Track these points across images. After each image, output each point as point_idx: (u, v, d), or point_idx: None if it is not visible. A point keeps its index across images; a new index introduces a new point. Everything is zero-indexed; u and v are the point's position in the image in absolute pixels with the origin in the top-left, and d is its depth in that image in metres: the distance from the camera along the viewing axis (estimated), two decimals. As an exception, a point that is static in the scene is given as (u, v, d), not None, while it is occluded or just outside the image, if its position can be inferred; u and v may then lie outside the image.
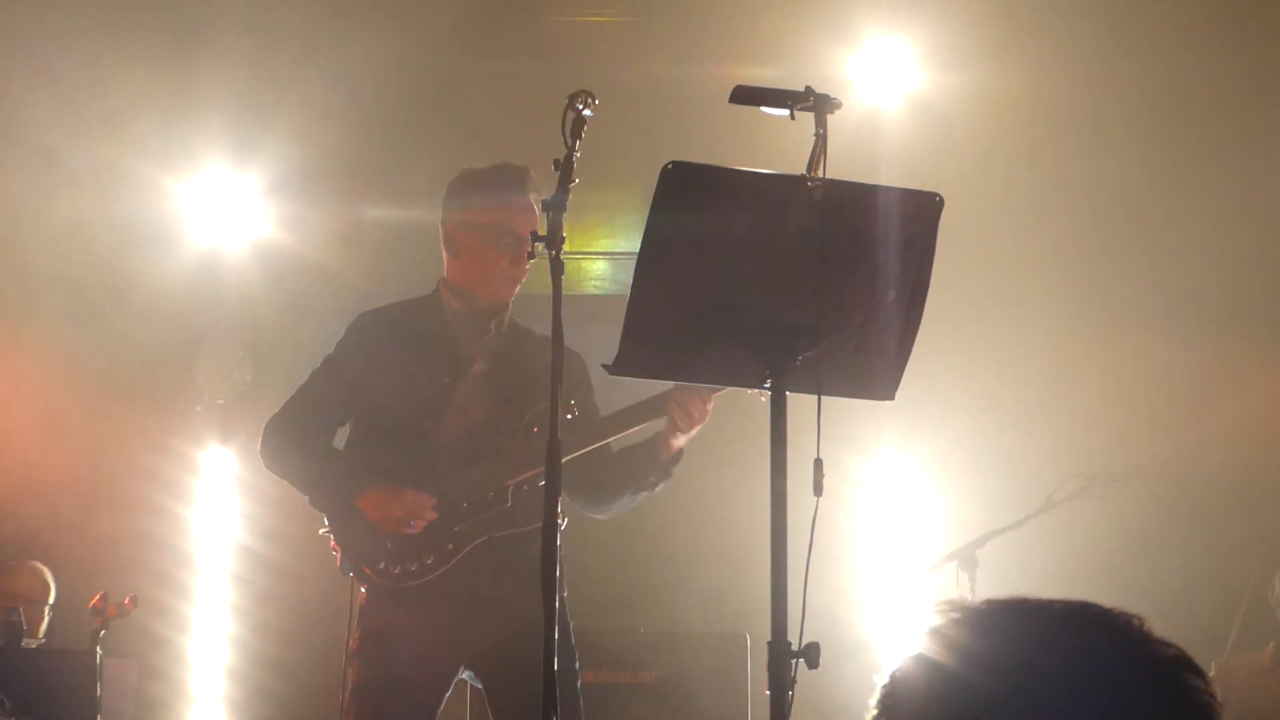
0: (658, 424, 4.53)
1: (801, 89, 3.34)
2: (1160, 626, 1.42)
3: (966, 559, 5.92)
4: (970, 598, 1.47)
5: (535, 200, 4.51)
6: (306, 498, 4.68)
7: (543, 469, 3.61)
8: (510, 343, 4.75)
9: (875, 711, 1.44)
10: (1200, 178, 6.97)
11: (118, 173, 6.97)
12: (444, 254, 4.78)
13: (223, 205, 7.26)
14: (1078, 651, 1.37)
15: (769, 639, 3.23)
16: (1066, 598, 1.43)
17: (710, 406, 4.42)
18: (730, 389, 4.01)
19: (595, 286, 7.83)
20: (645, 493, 4.66)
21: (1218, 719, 1.39)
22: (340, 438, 4.76)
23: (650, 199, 3.26)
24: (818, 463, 3.25)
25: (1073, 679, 1.35)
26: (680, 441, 4.52)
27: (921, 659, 1.42)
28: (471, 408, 4.67)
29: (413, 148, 6.87)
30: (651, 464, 4.57)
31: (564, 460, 3.63)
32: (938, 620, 1.44)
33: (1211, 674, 6.26)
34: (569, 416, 3.64)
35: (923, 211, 3.39)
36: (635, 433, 4.58)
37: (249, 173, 7.17)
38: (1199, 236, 6.97)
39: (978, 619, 1.42)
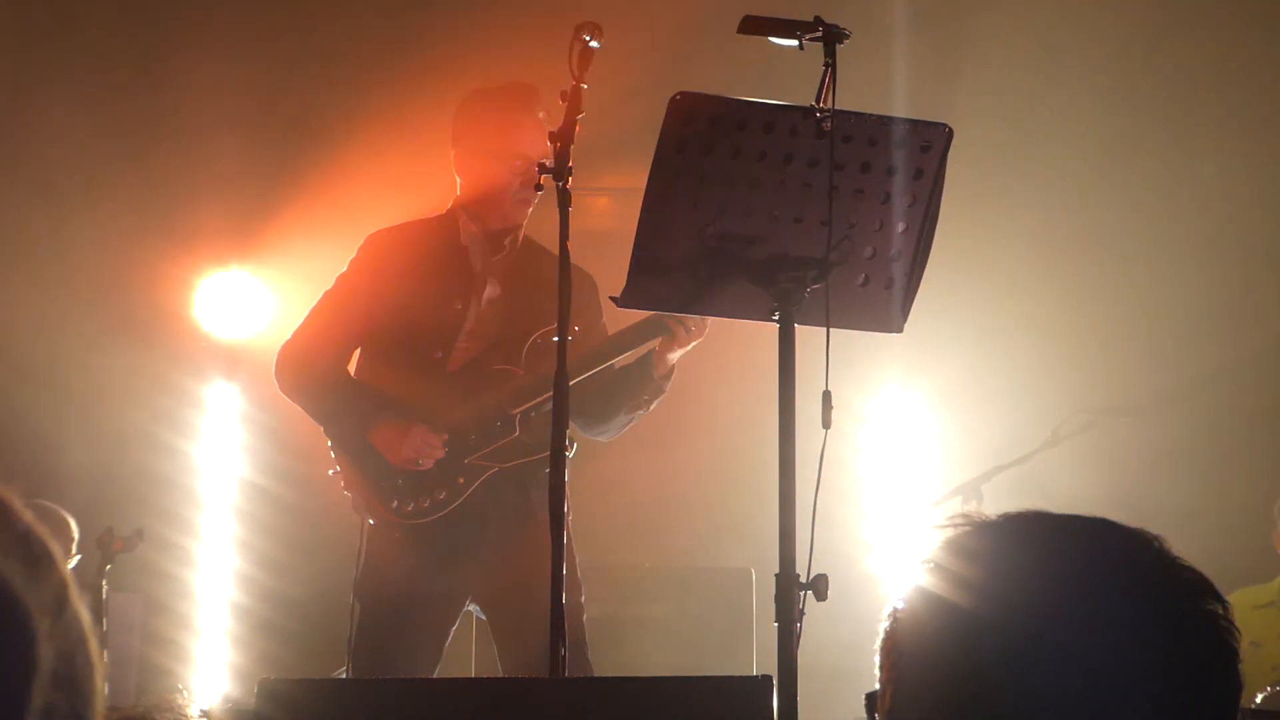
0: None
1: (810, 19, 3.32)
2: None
3: (971, 494, 5.93)
4: (983, 511, 1.42)
5: (545, 119, 4.46)
6: (321, 428, 4.68)
7: (548, 395, 3.59)
8: (523, 261, 4.71)
9: (881, 651, 1.41)
10: (1213, 107, 6.92)
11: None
12: (456, 176, 4.74)
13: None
14: (1094, 573, 1.33)
15: (775, 572, 3.23)
16: (1084, 515, 1.39)
17: (708, 320, 4.39)
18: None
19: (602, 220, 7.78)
20: (640, 411, 4.63)
21: (1236, 647, 1.34)
22: (351, 361, 4.73)
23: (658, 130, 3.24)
24: (826, 395, 3.24)
25: (1088, 602, 1.32)
26: (675, 357, 4.47)
27: (926, 591, 1.37)
28: (481, 333, 4.64)
29: (416, 73, 6.82)
30: (645, 381, 4.54)
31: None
32: (951, 534, 1.39)
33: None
34: (569, 337, 3.60)
35: (932, 143, 3.37)
36: (637, 353, 4.53)
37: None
38: (1209, 167, 6.92)
39: (992, 536, 1.38)
